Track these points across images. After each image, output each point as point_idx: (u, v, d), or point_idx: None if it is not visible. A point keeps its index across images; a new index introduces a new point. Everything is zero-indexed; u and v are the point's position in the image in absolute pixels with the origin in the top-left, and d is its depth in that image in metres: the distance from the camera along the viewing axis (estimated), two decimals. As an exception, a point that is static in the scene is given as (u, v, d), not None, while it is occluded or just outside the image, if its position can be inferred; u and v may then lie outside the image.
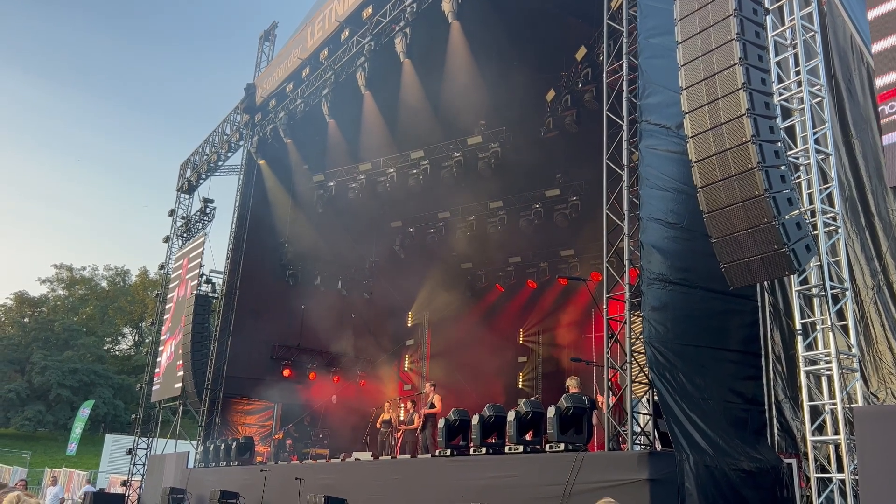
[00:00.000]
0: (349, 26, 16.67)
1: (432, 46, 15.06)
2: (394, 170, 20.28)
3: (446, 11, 13.81)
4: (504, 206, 20.46)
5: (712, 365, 9.25)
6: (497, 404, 10.96)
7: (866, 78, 8.88)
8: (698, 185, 7.63)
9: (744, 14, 7.39)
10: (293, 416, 20.64)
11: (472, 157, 18.94)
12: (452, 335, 22.35)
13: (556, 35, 15.21)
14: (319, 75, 18.06)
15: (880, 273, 8.48)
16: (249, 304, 20.86)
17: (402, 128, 18.10)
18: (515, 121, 18.04)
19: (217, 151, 23.22)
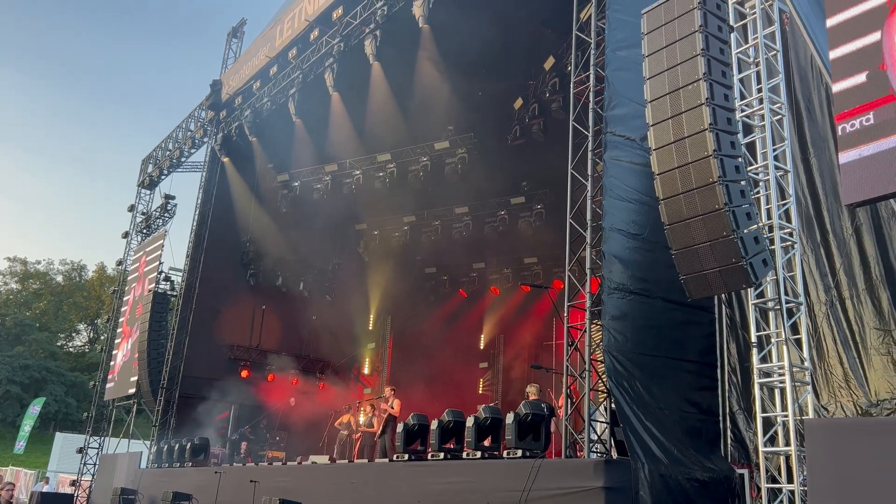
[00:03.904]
0: (319, 26, 16.57)
1: (402, 50, 15.05)
2: (360, 172, 20.20)
3: (417, 16, 13.81)
4: (469, 211, 20.53)
5: (670, 375, 9.37)
6: (456, 410, 10.95)
7: (825, 98, 9.10)
8: (660, 196, 7.73)
9: (709, 31, 7.52)
10: (250, 417, 20.38)
11: (440, 161, 18.96)
12: (414, 340, 22.33)
13: (525, 44, 15.32)
14: (287, 74, 17.92)
15: (833, 289, 8.68)
16: (209, 303, 20.53)
17: (370, 130, 18.04)
18: (483, 127, 18.13)
19: (180, 147, 22.87)
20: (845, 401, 8.26)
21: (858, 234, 8.61)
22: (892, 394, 7.95)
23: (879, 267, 8.40)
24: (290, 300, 22.18)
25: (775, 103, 8.39)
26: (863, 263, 8.52)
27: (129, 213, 25.04)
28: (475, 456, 9.95)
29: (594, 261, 9.52)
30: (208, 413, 19.28)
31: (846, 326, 8.45)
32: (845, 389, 8.28)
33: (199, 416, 19.04)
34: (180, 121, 23.50)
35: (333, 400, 20.61)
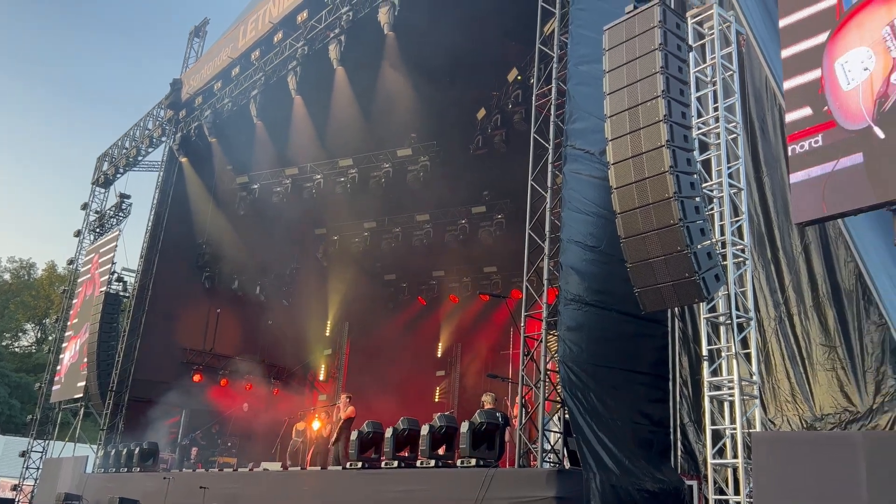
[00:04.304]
0: (283, 29, 16.48)
1: (367, 56, 15.04)
2: (321, 176, 20.07)
3: (382, 23, 13.82)
4: (430, 219, 20.55)
5: (623, 386, 9.49)
6: (412, 418, 10.93)
7: (778, 119, 9.34)
8: (617, 210, 7.84)
9: (669, 49, 7.67)
10: (201, 422, 19.99)
11: (402, 168, 18.97)
12: (371, 347, 22.22)
13: (489, 55, 15.42)
14: (249, 76, 17.76)
15: (782, 305, 8.90)
16: (162, 306, 20.15)
17: (332, 135, 17.96)
18: (446, 136, 18.18)
19: (137, 146, 22.47)
20: (791, 414, 8.46)
21: (807, 253, 8.85)
22: (835, 408, 8.17)
23: (826, 285, 8.64)
24: (246, 304, 21.90)
25: (731, 122, 8.59)
26: (811, 281, 8.75)
27: (82, 211, 24.51)
28: (429, 464, 9.94)
29: (552, 272, 9.61)
30: (158, 417, 18.88)
31: (794, 342, 8.66)
32: (791, 403, 8.48)
33: (148, 421, 18.63)
34: (138, 119, 23.13)
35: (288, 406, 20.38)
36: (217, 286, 21.57)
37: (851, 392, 8.11)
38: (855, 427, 7.90)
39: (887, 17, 7.01)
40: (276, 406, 21.20)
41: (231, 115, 18.68)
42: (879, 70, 6.96)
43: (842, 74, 7.26)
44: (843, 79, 7.24)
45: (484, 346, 20.45)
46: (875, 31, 7.08)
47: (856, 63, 7.17)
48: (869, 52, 7.12)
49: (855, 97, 7.15)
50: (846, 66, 7.24)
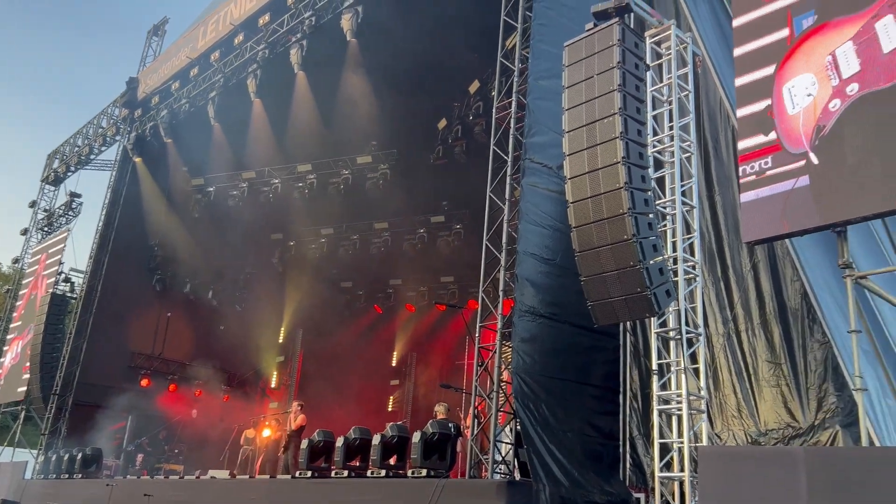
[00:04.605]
0: (244, 31, 16.33)
1: (329, 61, 14.97)
2: (279, 181, 19.87)
3: (345, 29, 13.80)
4: (389, 227, 20.50)
5: (574, 398, 9.56)
6: (363, 427, 10.85)
7: (731, 139, 9.57)
8: (573, 224, 7.92)
9: (626, 67, 7.79)
10: (148, 428, 19.52)
11: (361, 176, 18.90)
12: (325, 354, 22.02)
13: (452, 66, 15.48)
14: (208, 77, 17.54)
15: (731, 322, 9.09)
16: (111, 308, 19.66)
17: (291, 139, 17.79)
18: (406, 145, 18.18)
19: (90, 144, 21.99)
20: (737, 429, 8.63)
21: (756, 271, 9.06)
22: (779, 424, 8.36)
23: (773, 303, 8.86)
24: (198, 309, 21.53)
25: (685, 141, 8.76)
26: (759, 299, 8.95)
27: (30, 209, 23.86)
28: (379, 474, 9.87)
29: (508, 283, 9.66)
30: (103, 422, 18.38)
31: (741, 358, 8.85)
32: (737, 418, 8.65)
33: (93, 426, 18.12)
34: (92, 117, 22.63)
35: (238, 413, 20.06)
36: (168, 289, 21.15)
37: (795, 408, 8.31)
38: (797, 442, 8.09)
39: (830, 47, 7.27)
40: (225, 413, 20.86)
41: (188, 116, 18.40)
42: (821, 97, 7.21)
43: (788, 99, 7.50)
44: (790, 103, 7.48)
45: (439, 356, 20.45)
46: (819, 60, 7.34)
47: (801, 89, 7.42)
48: (813, 78, 7.36)
49: (797, 122, 7.38)
50: (793, 90, 7.49)
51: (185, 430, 20.09)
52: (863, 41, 7.00)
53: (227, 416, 20.26)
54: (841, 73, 7.10)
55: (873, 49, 6.90)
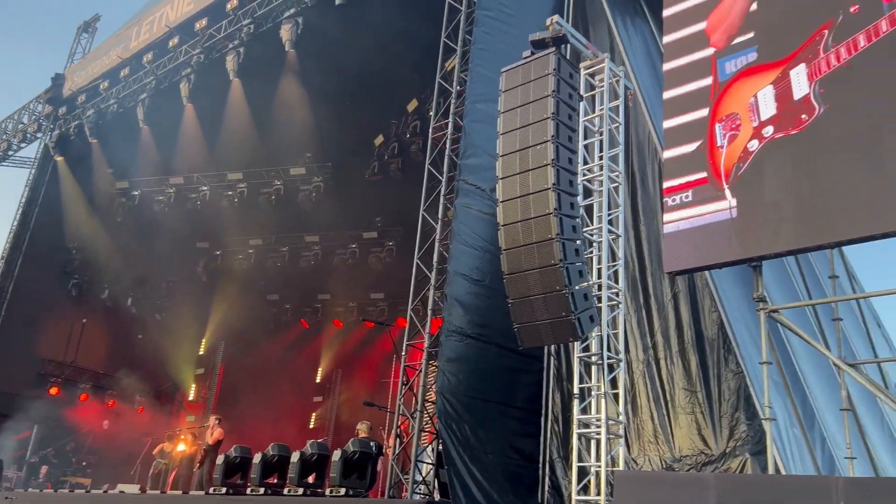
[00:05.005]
0: (179, 34, 16.01)
1: (265, 70, 14.81)
2: (208, 188, 19.43)
3: (284, 39, 13.69)
4: (320, 241, 20.27)
5: (497, 420, 9.62)
6: (282, 444, 10.62)
7: (657, 172, 9.89)
8: (503, 247, 8.00)
9: (561, 97, 7.96)
10: (55, 439, 18.63)
11: (293, 187, 18.67)
12: (248, 368, 21.50)
13: (392, 83, 15.53)
14: (139, 78, 17.09)
15: (651, 349, 9.33)
16: (21, 311, 18.77)
17: (223, 146, 17.44)
18: (342, 159, 18.07)
19: (9, 140, 21.06)
20: (653, 455, 8.84)
21: (676, 301, 9.35)
22: (693, 450, 8.60)
23: (692, 332, 9.15)
24: (116, 316, 20.76)
25: (614, 171, 8.99)
26: (678, 328, 9.23)
27: (-62, 204, 22.60)
28: (297, 492, 9.67)
29: (437, 302, 9.68)
30: (6, 431, 17.44)
31: (659, 385, 9.09)
32: (654, 444, 8.86)
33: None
34: (12, 112, 21.68)
35: (152, 426, 19.37)
36: (85, 295, 20.34)
37: (708, 435, 8.57)
38: (709, 469, 8.34)
39: (755, 89, 7.66)
40: (139, 425, 20.09)
41: (116, 117, 17.86)
42: (743, 137, 7.57)
43: (718, 135, 7.84)
44: (719, 140, 7.82)
45: (365, 374, 20.26)
46: (744, 100, 7.72)
47: (728, 126, 7.77)
48: (739, 118, 7.72)
49: (720, 157, 7.73)
50: (722, 127, 7.83)
51: (95, 442, 19.26)
52: (780, 86, 7.39)
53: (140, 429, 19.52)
54: (760, 115, 7.48)
55: (787, 95, 7.30)
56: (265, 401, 20.08)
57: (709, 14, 8.39)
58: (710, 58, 8.18)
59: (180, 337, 21.79)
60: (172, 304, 22.11)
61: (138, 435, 18.98)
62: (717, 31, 8.24)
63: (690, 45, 8.44)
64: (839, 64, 7.01)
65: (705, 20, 8.41)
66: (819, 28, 7.25)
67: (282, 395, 20.45)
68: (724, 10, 8.22)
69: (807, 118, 7.09)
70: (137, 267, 20.74)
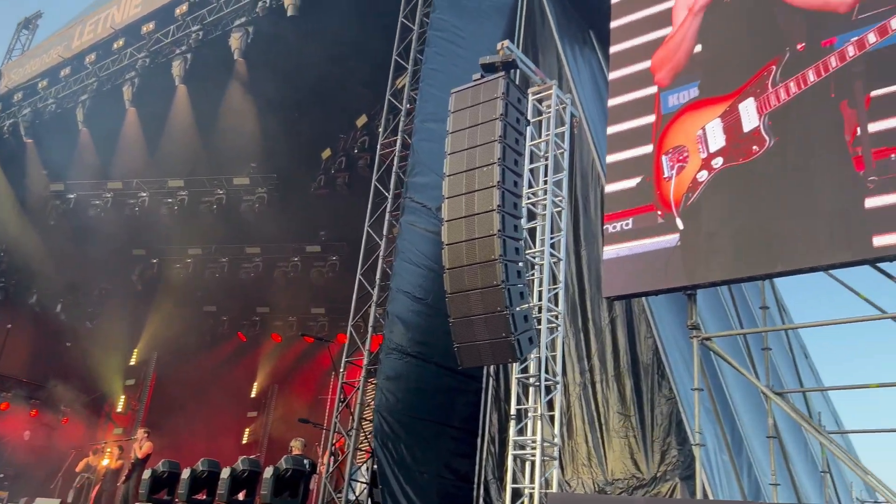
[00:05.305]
0: (125, 37, 15.65)
1: (213, 78, 14.58)
2: (147, 194, 18.92)
3: (233, 48, 13.51)
4: (261, 253, 19.92)
5: (434, 439, 9.59)
6: (212, 459, 10.36)
7: (599, 198, 10.10)
8: (446, 266, 8.03)
9: (508, 120, 8.06)
10: (-31, 450, 17.79)
11: (236, 197, 18.34)
12: (181, 380, 20.91)
13: (342, 98, 15.47)
14: (81, 79, 16.61)
15: (588, 372, 9.47)
16: (-60, 315, 17.92)
17: (165, 153, 17.03)
18: (288, 171, 17.84)
19: (-63, 135, 20.11)
20: (586, 478, 8.93)
21: (613, 325, 9.52)
22: (625, 474, 8.73)
23: (627, 357, 9.32)
24: (44, 322, 19.96)
25: (557, 196, 9.14)
26: (614, 352, 9.40)
27: None
28: (226, 510, 9.44)
29: (378, 319, 9.63)
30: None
31: (594, 408, 9.21)
32: (587, 467, 8.96)
33: None
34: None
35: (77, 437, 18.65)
36: (11, 299, 19.53)
37: (640, 459, 8.71)
38: (640, 492, 8.47)
39: (702, 121, 7.94)
40: (63, 436, 19.30)
41: (53, 118, 17.27)
42: (691, 168, 7.81)
43: (665, 167, 8.06)
44: (665, 171, 8.05)
45: (302, 390, 19.97)
46: (692, 133, 7.99)
47: (675, 158, 8.00)
48: (686, 149, 7.96)
49: (669, 188, 7.94)
50: (668, 158, 8.06)
51: (15, 454, 18.39)
52: (729, 119, 7.66)
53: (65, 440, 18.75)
54: (709, 147, 7.74)
55: (736, 127, 7.59)
56: (198, 414, 19.57)
57: (654, 53, 8.67)
58: (653, 95, 8.44)
59: (111, 346, 21.06)
60: (104, 312, 21.37)
61: (62, 447, 18.23)
62: (662, 69, 8.52)
63: (635, 83, 8.70)
64: (788, 98, 7.32)
65: (650, 59, 8.68)
66: (767, 64, 7.57)
67: (215, 409, 19.97)
68: (671, 50, 8.50)
69: (758, 149, 7.37)
70: (69, 272, 19.99)
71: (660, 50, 8.60)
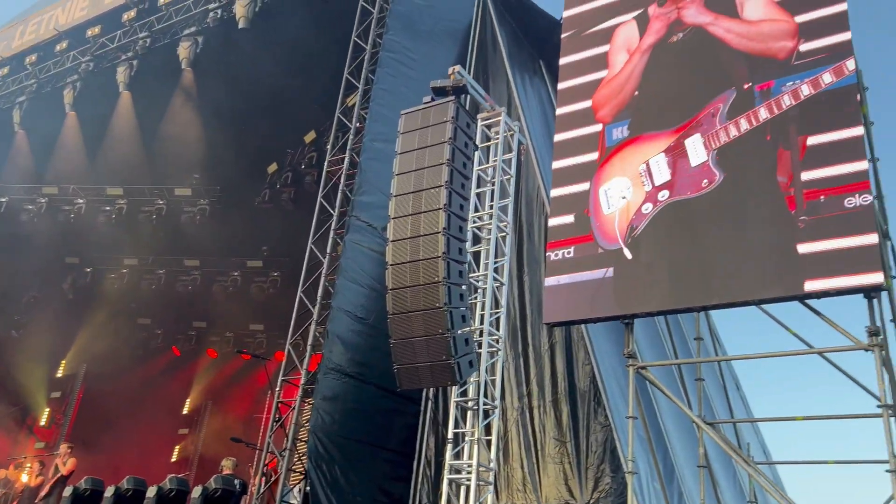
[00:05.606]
0: (69, 39, 15.27)
1: (159, 86, 14.33)
2: (84, 201, 18.33)
3: (181, 57, 13.33)
4: (201, 266, 19.48)
5: (369, 462, 9.48)
6: (139, 477, 10.00)
7: (543, 225, 10.23)
8: (389, 286, 8.00)
9: (457, 144, 8.12)
10: None
11: (177, 208, 17.94)
12: (110, 394, 20.14)
13: (291, 112, 15.36)
14: (20, 80, 16.12)
15: (526, 397, 9.52)
16: None
17: (105, 160, 16.59)
18: (231, 183, 17.56)
19: None
20: (520, 503, 8.94)
21: (553, 351, 9.61)
22: (559, 500, 8.77)
23: (565, 383, 9.42)
24: (-35, 330, 19.07)
25: (502, 221, 9.21)
26: (552, 378, 9.48)
27: None
28: (150, 531, 9.11)
29: (317, 338, 9.51)
30: None
31: (531, 434, 9.26)
32: (521, 492, 8.97)
33: None
34: None
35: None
36: (-70, 305, 18.62)
37: (574, 486, 8.78)
38: (573, 519, 8.52)
39: (645, 156, 8.14)
40: (-21, 450, 18.38)
41: (-12, 118, 16.69)
42: (635, 200, 7.99)
43: (604, 199, 8.24)
44: (605, 203, 8.22)
45: (236, 408, 19.50)
46: (634, 167, 8.18)
47: (616, 191, 8.18)
48: (628, 183, 8.15)
49: (612, 221, 8.10)
50: (609, 192, 8.24)
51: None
52: (674, 154, 7.88)
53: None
54: (654, 180, 7.93)
55: (683, 162, 7.80)
56: (127, 430, 18.88)
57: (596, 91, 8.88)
58: (598, 133, 8.63)
59: (37, 356, 20.15)
60: (33, 322, 20.47)
61: (-24, 461, 17.35)
62: (607, 105, 8.74)
63: (581, 120, 8.90)
64: (732, 137, 7.57)
65: (590, 98, 8.89)
66: (713, 101, 7.82)
67: (145, 424, 19.31)
68: (617, 87, 8.73)
69: (708, 183, 7.58)
70: (-5, 278, 19.19)
71: (604, 87, 8.83)
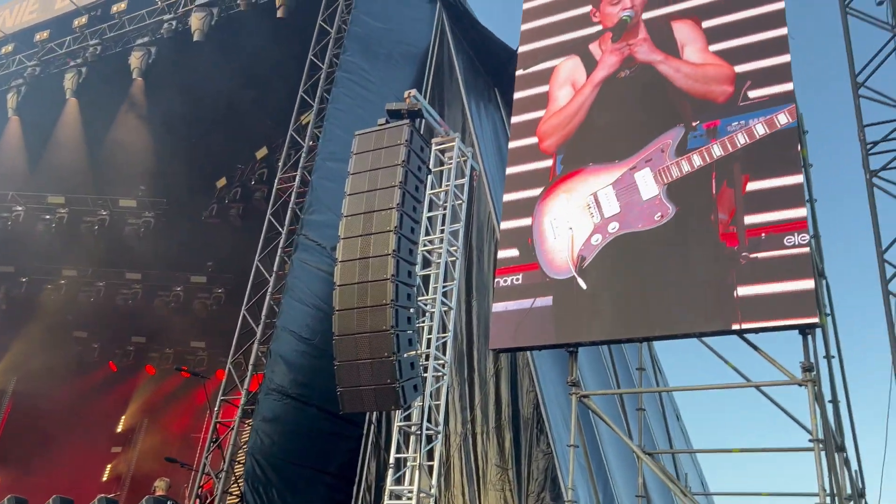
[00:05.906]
0: (15, 42, 14.89)
1: (108, 94, 14.03)
2: (23, 209, 17.74)
3: (133, 66, 13.11)
4: (142, 280, 18.97)
5: (308, 485, 9.30)
6: (66, 497, 9.64)
7: (493, 251, 10.28)
8: (336, 307, 7.91)
9: (410, 167, 8.14)
10: None
11: (121, 220, 17.50)
12: (41, 409, 19.37)
13: (243, 127, 15.20)
14: (-40, 81, 15.59)
15: (469, 423, 9.48)
16: None
17: (48, 167, 16.12)
18: (178, 196, 17.24)
19: None
20: (460, 530, 8.88)
21: (498, 378, 9.62)
22: (499, 527, 8.74)
23: (509, 409, 9.42)
24: None
25: (453, 246, 9.23)
26: (497, 404, 9.48)
27: None
28: (75, 554, 8.75)
29: (260, 357, 9.34)
30: None
31: (473, 460, 9.22)
32: (462, 519, 8.91)
33: None
34: None
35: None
36: None
37: (514, 513, 8.75)
38: (513, 547, 8.49)
39: (592, 188, 8.26)
40: None
41: (-75, 120, 16.06)
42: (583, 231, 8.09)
43: (549, 229, 8.31)
44: (551, 233, 8.29)
45: (173, 427, 18.97)
46: (581, 198, 8.28)
47: (563, 221, 8.28)
48: (575, 213, 8.25)
49: (558, 250, 8.18)
50: (555, 223, 8.32)
51: None
52: (623, 187, 8.02)
53: None
54: (603, 212, 8.04)
55: (632, 195, 7.93)
56: (57, 447, 18.19)
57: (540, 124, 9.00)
58: (548, 168, 8.73)
59: (-37, 369, 19.38)
60: (-40, 332, 19.68)
61: None
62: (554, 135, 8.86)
63: (529, 155, 9.01)
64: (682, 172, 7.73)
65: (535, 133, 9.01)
66: (663, 136, 7.99)
67: (76, 442, 18.61)
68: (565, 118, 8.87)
69: (661, 217, 7.70)
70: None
71: (552, 118, 8.96)
